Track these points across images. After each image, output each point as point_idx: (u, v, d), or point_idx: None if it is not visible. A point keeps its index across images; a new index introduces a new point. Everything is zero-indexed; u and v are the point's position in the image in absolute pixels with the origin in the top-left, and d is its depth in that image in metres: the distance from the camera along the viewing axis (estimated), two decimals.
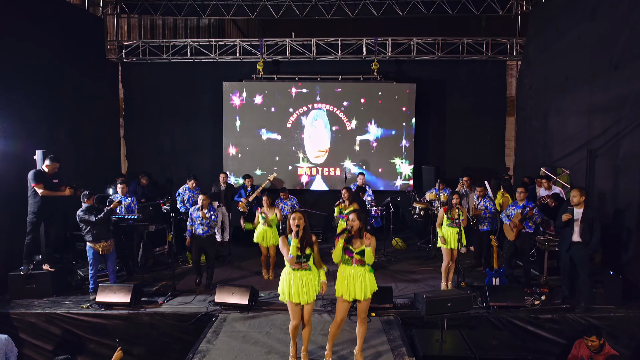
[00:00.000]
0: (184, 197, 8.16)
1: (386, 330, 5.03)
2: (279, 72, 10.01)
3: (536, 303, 5.81)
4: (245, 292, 5.62)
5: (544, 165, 8.61)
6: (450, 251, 6.20)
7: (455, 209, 6.15)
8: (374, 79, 9.72)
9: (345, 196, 6.91)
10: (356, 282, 3.97)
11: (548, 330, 5.48)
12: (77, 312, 5.59)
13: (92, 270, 6.10)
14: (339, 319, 4.08)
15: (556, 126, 8.26)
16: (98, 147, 9.20)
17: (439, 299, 4.44)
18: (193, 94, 10.18)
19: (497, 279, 6.24)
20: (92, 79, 9.13)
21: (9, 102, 6.50)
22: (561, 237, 5.88)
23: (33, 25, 7.25)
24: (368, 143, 9.88)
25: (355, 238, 4.00)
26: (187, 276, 7.07)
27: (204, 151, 10.27)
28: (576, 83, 7.51)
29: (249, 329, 5.08)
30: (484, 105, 10.17)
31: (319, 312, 5.54)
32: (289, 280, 4.01)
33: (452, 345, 4.56)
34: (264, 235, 6.83)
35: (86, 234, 5.97)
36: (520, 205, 6.48)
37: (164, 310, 5.64)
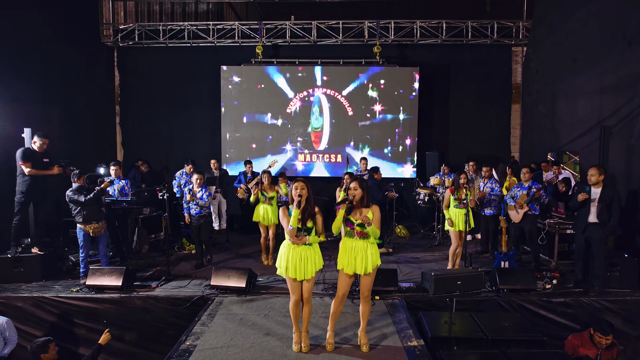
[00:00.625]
0: (181, 182, 7.93)
1: (391, 313, 4.76)
2: (278, 56, 9.74)
3: (547, 287, 5.55)
4: (242, 275, 5.36)
5: (551, 151, 8.36)
6: (458, 233, 5.93)
7: (462, 189, 5.89)
8: (377, 62, 9.46)
9: (347, 182, 6.62)
10: (357, 255, 3.71)
11: (560, 314, 5.21)
12: (66, 296, 5.32)
13: (82, 253, 5.84)
14: (341, 293, 3.82)
15: (564, 109, 8.00)
16: (93, 134, 8.94)
17: (448, 276, 4.18)
18: (190, 79, 9.90)
19: (506, 262, 5.98)
20: (87, 63, 8.87)
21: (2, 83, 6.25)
22: (576, 219, 5.61)
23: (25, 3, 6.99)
24: (370, 128, 9.61)
25: (356, 208, 3.74)
26: (182, 262, 6.82)
27: (201, 137, 10.00)
28: (586, 63, 7.25)
29: (247, 311, 4.82)
30: (489, 91, 9.89)
31: (319, 295, 5.28)
32: (287, 255, 3.75)
33: (462, 327, 4.29)
34: (265, 213, 6.57)
35: (76, 214, 5.71)
36: (525, 187, 6.22)
37: (158, 294, 5.38)
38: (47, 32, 7.50)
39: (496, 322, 4.44)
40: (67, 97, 8.04)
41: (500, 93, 9.92)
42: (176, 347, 4.03)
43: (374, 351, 3.90)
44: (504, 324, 4.37)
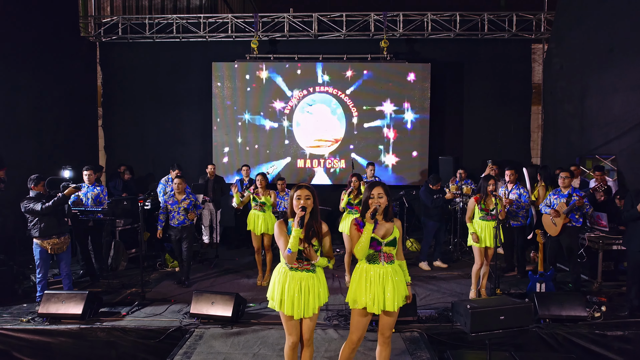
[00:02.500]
0: (167, 189, 7.03)
1: (411, 351, 3.82)
2: (276, 52, 8.89)
3: (596, 315, 4.60)
4: (229, 301, 4.42)
5: (580, 155, 7.47)
6: (484, 250, 5.00)
7: (490, 198, 4.97)
8: (384, 59, 8.61)
9: (355, 184, 5.71)
10: (386, 285, 2.78)
11: (617, 351, 4.25)
12: (12, 328, 4.37)
13: (39, 274, 4.92)
14: (356, 337, 2.88)
15: (596, 108, 7.12)
16: (70, 136, 8.06)
17: (488, 309, 3.23)
18: (180, 77, 9.05)
19: (542, 284, 5.03)
20: (63, 58, 8.00)
21: None
22: (631, 233, 4.68)
23: None
24: (377, 131, 8.72)
25: (379, 224, 2.83)
26: (165, 281, 5.91)
27: (191, 141, 9.12)
28: (625, 54, 6.39)
29: (232, 349, 3.87)
30: (506, 91, 9.03)
31: (322, 326, 4.34)
32: (282, 283, 2.83)
33: None
34: (255, 221, 5.64)
35: (32, 227, 4.81)
36: (564, 194, 5.30)
37: (127, 325, 4.43)
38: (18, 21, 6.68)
39: None
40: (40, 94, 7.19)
41: (519, 93, 9.06)
42: None
43: None
44: None
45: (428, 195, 6.37)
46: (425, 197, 6.41)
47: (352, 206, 5.65)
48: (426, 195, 6.40)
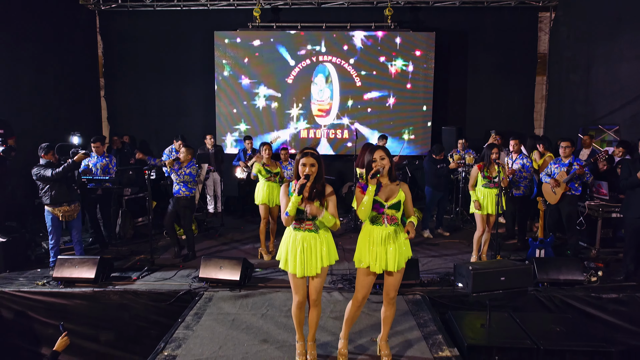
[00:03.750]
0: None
1: (414, 312, 3.97)
2: (278, 21, 8.76)
3: (593, 280, 4.74)
4: (236, 265, 4.56)
5: (584, 125, 7.47)
6: (486, 217, 5.10)
7: (493, 166, 5.02)
8: (387, 27, 8.48)
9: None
10: (389, 246, 2.88)
11: (612, 313, 4.41)
12: (29, 291, 4.53)
13: (52, 240, 5.06)
14: (361, 296, 3.00)
15: (602, 77, 7.09)
16: (73, 107, 8.06)
17: (489, 271, 3.35)
18: (181, 46, 8.96)
19: (542, 250, 5.16)
20: (63, 27, 7.91)
21: None
22: (628, 200, 4.75)
23: None
24: (380, 101, 8.69)
25: (383, 186, 2.90)
26: (171, 248, 6.02)
27: (194, 112, 9.11)
28: (633, 22, 6.30)
29: (240, 310, 4.03)
30: (511, 61, 8.94)
31: (327, 289, 4.49)
32: (287, 243, 2.93)
33: (502, 332, 3.49)
34: (270, 193, 5.45)
35: (43, 195, 4.90)
36: (565, 163, 5.36)
37: (138, 288, 4.58)
38: None
39: (544, 325, 3.64)
40: (40, 64, 7.15)
41: (524, 62, 8.98)
42: (152, 357, 3.25)
43: None
44: (556, 329, 3.56)
45: (432, 165, 6.43)
46: (429, 167, 6.46)
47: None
48: (430, 165, 6.46)
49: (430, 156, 6.53)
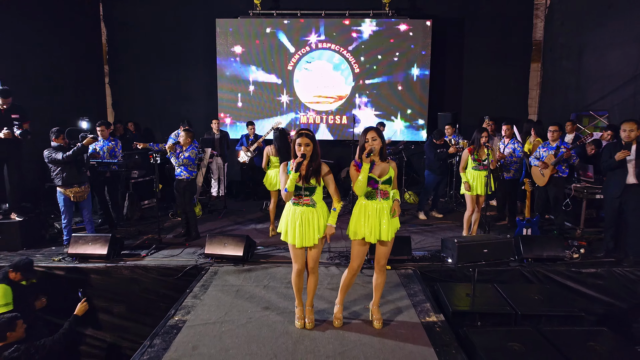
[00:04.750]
0: None
1: (405, 284, 4.28)
2: (278, 8, 8.91)
3: (575, 256, 5.03)
4: (240, 242, 4.86)
5: (576, 111, 7.69)
6: (475, 198, 5.38)
7: (483, 149, 5.28)
8: (385, 14, 8.65)
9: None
10: (382, 218, 3.16)
11: (591, 286, 4.72)
12: (47, 266, 4.85)
13: (65, 219, 5.35)
14: (356, 265, 3.30)
15: (593, 64, 7.29)
16: (78, 94, 8.27)
17: (473, 243, 3.64)
18: (184, 33, 9.13)
19: (528, 229, 5.45)
20: (67, 15, 8.07)
21: None
22: (608, 181, 5.03)
23: None
24: (378, 86, 8.91)
25: (376, 164, 3.17)
26: (177, 229, 6.33)
27: (197, 97, 9.33)
28: (623, 9, 6.48)
29: (244, 282, 4.34)
30: (507, 48, 9.11)
31: (325, 264, 4.79)
32: (287, 217, 3.22)
33: (485, 300, 3.80)
34: (276, 178, 5.82)
35: (55, 176, 5.18)
36: (553, 146, 5.62)
37: (147, 264, 4.89)
38: None
39: (524, 294, 3.94)
40: (45, 51, 7.33)
41: (519, 49, 9.14)
42: (163, 322, 3.56)
43: (388, 327, 3.42)
44: (534, 297, 3.87)
45: (432, 149, 6.66)
46: (429, 151, 6.70)
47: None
48: (430, 149, 6.69)
49: (430, 141, 6.77)
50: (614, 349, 3.05)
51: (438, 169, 6.63)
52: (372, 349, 3.11)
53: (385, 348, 3.12)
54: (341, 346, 3.14)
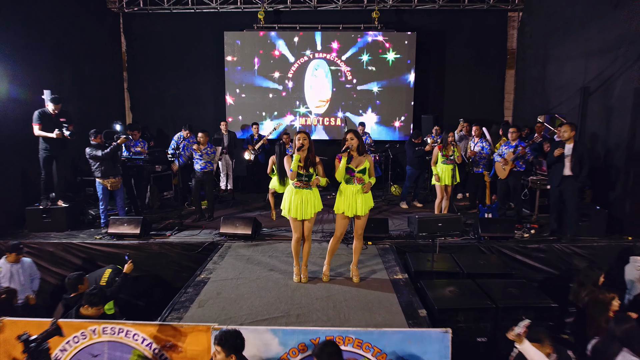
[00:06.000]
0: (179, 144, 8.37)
1: (381, 255, 5.35)
2: (280, 22, 10.00)
3: (525, 236, 6.11)
4: (248, 223, 5.94)
5: (542, 114, 8.74)
6: (444, 187, 6.46)
7: (450, 146, 6.36)
8: (375, 28, 9.73)
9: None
10: (357, 199, 4.23)
11: (535, 258, 5.79)
12: (91, 242, 5.94)
13: (102, 205, 6.42)
14: (339, 233, 4.38)
15: (554, 73, 8.34)
16: (102, 98, 9.34)
17: (430, 219, 4.73)
18: (195, 44, 10.21)
19: (489, 213, 6.53)
20: (93, 29, 9.14)
21: (16, 48, 6.62)
22: (552, 173, 6.10)
23: None
24: (368, 92, 9.98)
25: (355, 157, 4.24)
26: (192, 215, 7.40)
27: (206, 101, 10.41)
28: (575, 27, 7.54)
29: (253, 253, 5.42)
30: (484, 57, 10.18)
31: (318, 241, 5.87)
32: (290, 197, 4.29)
33: (442, 264, 4.88)
34: None
35: (95, 169, 6.24)
36: (512, 145, 6.68)
37: (172, 241, 5.98)
38: None
39: (473, 261, 5.02)
40: (77, 62, 8.38)
41: (495, 58, 10.21)
42: (192, 279, 4.64)
43: (364, 282, 4.50)
44: (480, 263, 4.95)
45: (411, 147, 7.74)
46: (409, 149, 7.78)
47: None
48: (409, 147, 7.77)
49: (410, 140, 7.84)
50: (525, 291, 4.14)
51: (417, 164, 7.69)
52: (350, 294, 4.19)
53: (361, 293, 4.20)
54: (327, 292, 4.22)
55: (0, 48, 6.35)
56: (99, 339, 3.50)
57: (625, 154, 6.22)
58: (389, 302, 4.01)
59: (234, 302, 4.01)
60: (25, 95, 6.66)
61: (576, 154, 5.77)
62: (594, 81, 6.97)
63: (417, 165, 7.76)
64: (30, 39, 7.00)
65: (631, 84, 6.11)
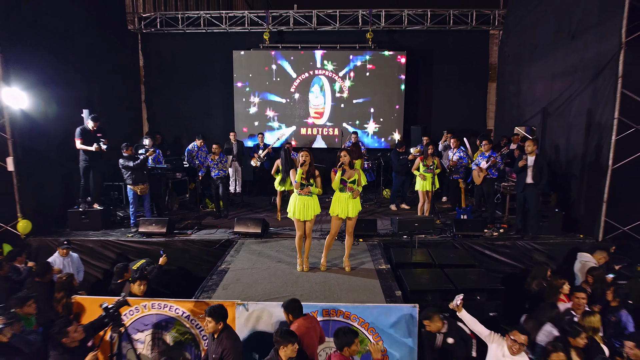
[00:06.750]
0: (193, 154, 9.45)
1: (370, 250, 6.41)
2: (283, 41, 11.06)
3: (495, 234, 7.16)
4: (258, 223, 7.00)
5: (518, 125, 9.80)
6: (425, 193, 7.52)
7: (430, 157, 7.42)
8: (369, 47, 10.78)
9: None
10: (349, 203, 5.28)
11: (501, 254, 6.83)
12: (124, 240, 6.99)
13: (132, 208, 7.48)
14: (334, 232, 5.44)
15: (527, 90, 9.40)
16: (123, 112, 10.39)
17: (408, 220, 5.79)
18: (206, 61, 11.27)
19: (464, 215, 7.58)
20: (116, 50, 10.20)
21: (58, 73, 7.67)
22: (517, 181, 7.15)
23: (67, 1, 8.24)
24: (363, 105, 11.04)
25: (347, 171, 5.28)
26: (208, 217, 8.45)
27: (216, 113, 11.48)
28: (543, 52, 8.60)
29: (263, 248, 6.48)
30: (468, 72, 11.24)
31: (317, 238, 6.91)
32: (294, 203, 5.34)
33: (419, 257, 5.93)
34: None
35: (127, 178, 7.31)
36: (486, 155, 7.74)
37: (193, 239, 7.03)
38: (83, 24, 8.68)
39: (445, 255, 6.07)
40: (103, 80, 9.42)
41: (478, 73, 11.28)
42: (215, 269, 5.70)
43: (354, 271, 5.56)
44: (450, 256, 6.01)
45: (396, 156, 8.79)
46: (394, 157, 8.83)
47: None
48: (394, 156, 8.82)
49: (395, 150, 8.89)
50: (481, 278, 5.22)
51: (401, 171, 8.72)
52: (342, 280, 5.26)
53: (351, 280, 5.26)
54: (324, 278, 5.29)
55: (50, 75, 7.41)
56: (149, 312, 4.57)
57: (581, 164, 7.27)
58: (373, 286, 5.07)
59: (251, 286, 5.07)
60: (66, 113, 7.71)
61: (537, 165, 6.81)
62: (557, 100, 8.03)
63: (401, 172, 8.78)
64: (68, 64, 8.07)
65: (584, 105, 7.17)
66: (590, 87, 7.06)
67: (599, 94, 6.77)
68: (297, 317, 3.97)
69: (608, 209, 6.70)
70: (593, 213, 6.90)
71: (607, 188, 6.60)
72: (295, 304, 4.01)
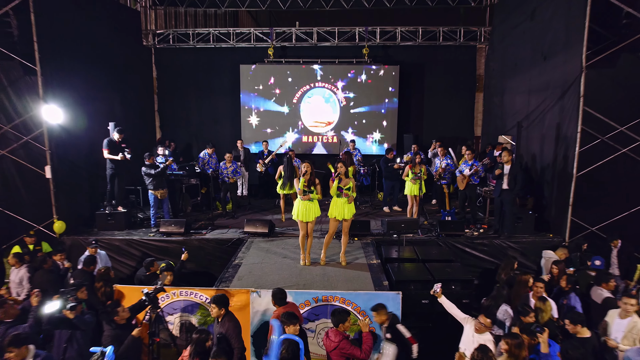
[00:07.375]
0: (204, 161, 10.34)
1: (364, 247, 7.32)
2: (286, 56, 11.98)
3: (475, 234, 8.08)
4: (266, 224, 7.91)
5: (502, 134, 10.71)
6: (413, 197, 8.44)
7: (417, 166, 8.34)
8: (365, 61, 11.70)
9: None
10: (345, 207, 6.20)
11: (480, 251, 7.74)
12: (147, 239, 7.90)
13: (153, 210, 8.41)
14: (332, 232, 6.36)
15: (509, 102, 10.31)
16: (138, 119, 11.31)
17: (395, 221, 6.72)
18: (214, 74, 12.19)
19: (449, 216, 8.50)
20: (133, 65, 11.12)
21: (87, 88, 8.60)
22: (495, 186, 8.06)
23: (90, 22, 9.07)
24: (360, 115, 11.96)
25: (343, 179, 6.19)
26: (219, 218, 9.37)
27: (224, 122, 12.39)
28: (522, 68, 9.51)
29: (270, 246, 7.40)
30: (457, 84, 12.16)
31: (317, 237, 7.82)
32: (297, 206, 6.26)
33: (406, 253, 6.84)
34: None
35: (149, 184, 8.23)
36: (469, 163, 8.64)
37: (208, 237, 7.94)
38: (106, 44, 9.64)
39: (429, 251, 6.98)
40: (123, 92, 10.36)
41: (466, 84, 12.19)
42: (229, 263, 6.62)
43: (349, 265, 6.48)
44: (433, 252, 6.93)
45: (385, 163, 9.69)
46: (383, 164, 9.72)
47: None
48: (384, 162, 9.71)
49: (384, 157, 9.79)
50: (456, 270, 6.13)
51: (390, 176, 9.60)
52: (339, 272, 6.18)
53: (347, 272, 6.18)
54: (323, 271, 6.21)
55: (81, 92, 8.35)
56: (177, 299, 5.48)
57: (552, 171, 8.17)
58: (364, 277, 5.99)
59: (262, 277, 5.99)
60: (93, 126, 8.63)
61: (512, 173, 7.71)
62: (534, 112, 8.94)
63: (391, 178, 9.67)
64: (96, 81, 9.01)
65: (554, 119, 8.07)
66: (558, 104, 7.97)
67: (565, 110, 7.68)
68: (280, 305, 4.79)
69: (577, 211, 7.56)
70: (562, 215, 7.80)
71: (572, 192, 7.49)
72: (280, 295, 4.82)
